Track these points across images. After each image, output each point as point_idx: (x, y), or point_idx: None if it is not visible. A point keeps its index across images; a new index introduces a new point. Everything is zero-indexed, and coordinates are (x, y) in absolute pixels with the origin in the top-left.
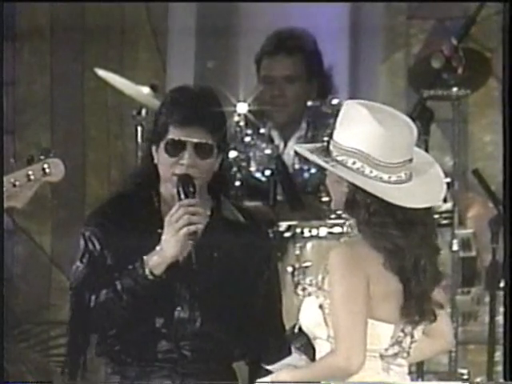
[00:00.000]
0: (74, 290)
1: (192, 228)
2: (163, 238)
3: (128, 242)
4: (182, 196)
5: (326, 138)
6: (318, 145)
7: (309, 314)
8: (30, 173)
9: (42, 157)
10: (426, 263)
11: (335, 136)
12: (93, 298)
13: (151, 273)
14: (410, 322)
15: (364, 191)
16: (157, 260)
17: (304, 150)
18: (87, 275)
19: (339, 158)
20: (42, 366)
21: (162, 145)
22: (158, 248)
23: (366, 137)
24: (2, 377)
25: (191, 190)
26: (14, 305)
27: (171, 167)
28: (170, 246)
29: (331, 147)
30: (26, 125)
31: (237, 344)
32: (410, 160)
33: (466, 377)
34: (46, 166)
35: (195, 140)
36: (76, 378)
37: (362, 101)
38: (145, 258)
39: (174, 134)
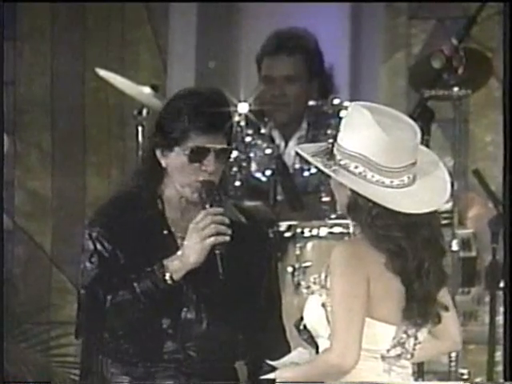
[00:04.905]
0: (86, 290)
1: (220, 239)
2: (186, 243)
3: (135, 243)
4: (207, 204)
5: (330, 140)
6: (323, 146)
7: (312, 312)
8: None
9: None
10: (431, 265)
11: (339, 139)
12: (108, 298)
13: (171, 277)
14: (413, 324)
15: None
16: (178, 265)
17: (305, 152)
18: (99, 276)
19: (342, 162)
20: (42, 366)
21: (178, 150)
22: (178, 253)
23: (368, 141)
24: (2, 377)
25: (217, 197)
26: (14, 305)
27: (193, 173)
28: (193, 253)
29: (335, 150)
30: (26, 125)
31: (239, 344)
32: (414, 163)
33: (466, 377)
34: None
35: (219, 146)
36: (94, 380)
37: (367, 103)
38: (164, 261)
39: (198, 141)
